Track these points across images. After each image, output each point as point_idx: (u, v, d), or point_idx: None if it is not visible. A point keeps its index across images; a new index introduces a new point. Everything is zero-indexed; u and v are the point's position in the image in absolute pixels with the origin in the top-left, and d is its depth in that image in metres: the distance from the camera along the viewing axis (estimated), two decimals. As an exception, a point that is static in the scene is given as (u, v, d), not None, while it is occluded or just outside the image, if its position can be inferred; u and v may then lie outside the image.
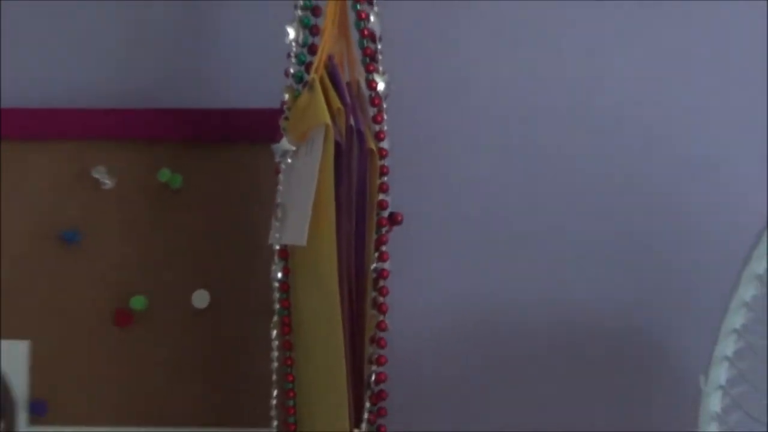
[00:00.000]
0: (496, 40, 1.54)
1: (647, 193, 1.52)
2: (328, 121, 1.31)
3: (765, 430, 1.13)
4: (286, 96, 1.36)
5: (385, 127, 1.36)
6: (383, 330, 1.35)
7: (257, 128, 1.46)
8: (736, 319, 1.14)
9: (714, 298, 1.18)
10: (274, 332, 1.37)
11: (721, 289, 1.16)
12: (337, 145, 1.32)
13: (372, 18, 1.35)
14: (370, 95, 1.36)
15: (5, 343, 1.52)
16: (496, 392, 1.53)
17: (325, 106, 1.32)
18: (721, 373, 1.14)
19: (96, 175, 1.51)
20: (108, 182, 1.51)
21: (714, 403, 1.14)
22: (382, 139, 1.36)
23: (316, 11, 1.36)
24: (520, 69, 1.54)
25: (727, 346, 1.14)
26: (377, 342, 1.35)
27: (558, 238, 1.53)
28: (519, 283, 1.53)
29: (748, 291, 1.13)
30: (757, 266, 1.13)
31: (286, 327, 1.37)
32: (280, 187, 1.35)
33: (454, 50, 1.54)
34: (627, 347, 1.51)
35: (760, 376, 1.14)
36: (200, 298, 1.51)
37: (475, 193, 1.53)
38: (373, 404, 1.35)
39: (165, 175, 1.51)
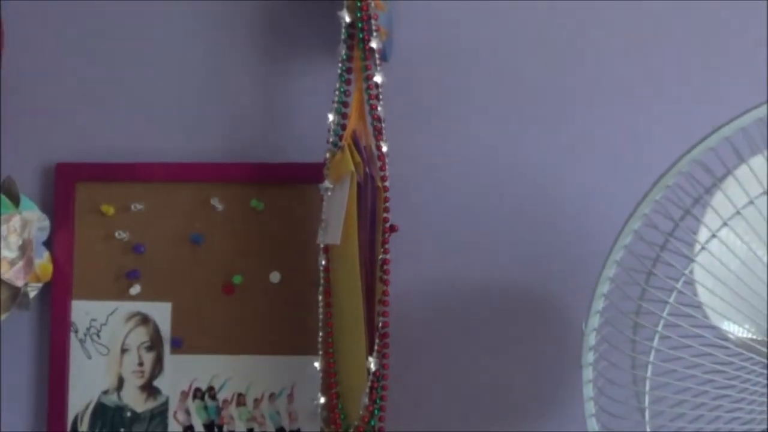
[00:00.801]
0: (459, 116, 1.54)
1: (551, 210, 1.51)
2: (353, 169, 1.37)
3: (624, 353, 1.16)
4: (327, 155, 1.41)
5: (387, 173, 1.39)
6: (386, 295, 1.39)
7: (310, 174, 1.48)
8: (604, 287, 1.13)
9: (590, 275, 1.17)
10: (320, 296, 1.42)
11: (594, 269, 1.15)
12: (358, 184, 1.38)
13: (379, 109, 1.39)
14: (377, 154, 1.40)
15: (155, 304, 1.55)
16: (455, 329, 1.51)
17: (350, 161, 1.38)
18: (595, 321, 1.14)
19: (212, 203, 1.55)
20: (219, 207, 1.55)
21: (591, 339, 1.14)
22: (385, 181, 1.39)
23: (345, 105, 1.41)
24: (481, 139, 1.53)
25: (599, 304, 1.14)
26: (383, 302, 1.38)
27: (495, 240, 1.52)
28: (469, 263, 1.51)
29: (611, 269, 1.13)
30: (616, 254, 1.13)
31: (327, 293, 1.42)
32: (324, 209, 1.39)
33: (425, 126, 1.53)
34: (535, 306, 1.50)
35: (618, 323, 1.17)
36: (275, 277, 1.54)
37: (441, 214, 1.52)
38: (380, 340, 1.38)
39: (254, 203, 1.54)
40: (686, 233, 1.14)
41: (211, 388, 1.54)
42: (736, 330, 1.10)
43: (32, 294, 1.51)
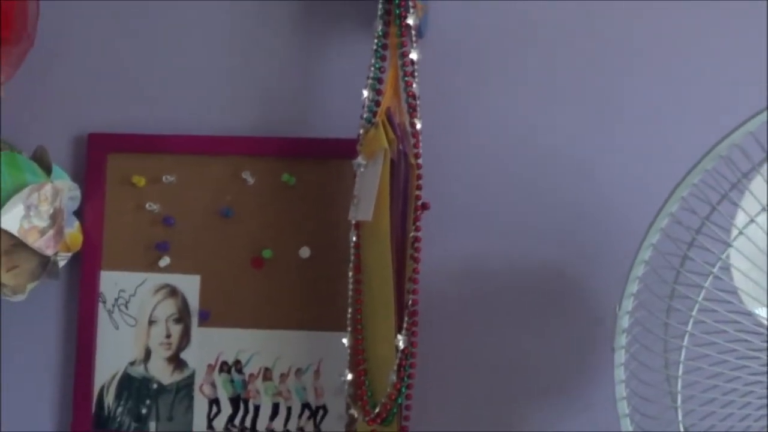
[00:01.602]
0: (489, 94, 1.53)
1: (586, 191, 1.50)
2: (386, 146, 1.38)
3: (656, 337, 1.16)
4: (361, 131, 1.42)
5: (420, 150, 1.40)
6: (416, 273, 1.38)
7: (343, 150, 1.48)
8: (639, 270, 1.14)
9: (623, 257, 1.19)
10: (350, 273, 1.43)
11: (628, 250, 1.17)
12: (391, 161, 1.38)
13: (414, 85, 1.40)
14: (411, 131, 1.40)
15: (184, 276, 1.55)
16: (485, 309, 1.51)
17: (384, 137, 1.38)
18: (629, 304, 1.14)
19: (243, 176, 1.55)
20: (251, 180, 1.55)
21: (624, 322, 1.14)
22: (418, 158, 1.40)
23: (380, 81, 1.41)
24: (506, 113, 1.53)
25: (633, 287, 1.14)
26: (412, 280, 1.38)
27: (527, 219, 1.51)
28: (500, 242, 1.51)
29: (646, 253, 1.14)
30: (652, 237, 1.13)
31: (357, 269, 1.42)
32: (356, 185, 1.40)
33: (459, 104, 1.53)
34: (567, 287, 1.49)
35: (652, 306, 1.17)
36: (304, 252, 1.53)
37: (474, 192, 1.52)
38: (409, 318, 1.38)
39: (285, 177, 1.54)
40: (723, 218, 1.13)
41: (237, 362, 1.53)
42: (772, 317, 1.08)
43: (62, 263, 1.51)
